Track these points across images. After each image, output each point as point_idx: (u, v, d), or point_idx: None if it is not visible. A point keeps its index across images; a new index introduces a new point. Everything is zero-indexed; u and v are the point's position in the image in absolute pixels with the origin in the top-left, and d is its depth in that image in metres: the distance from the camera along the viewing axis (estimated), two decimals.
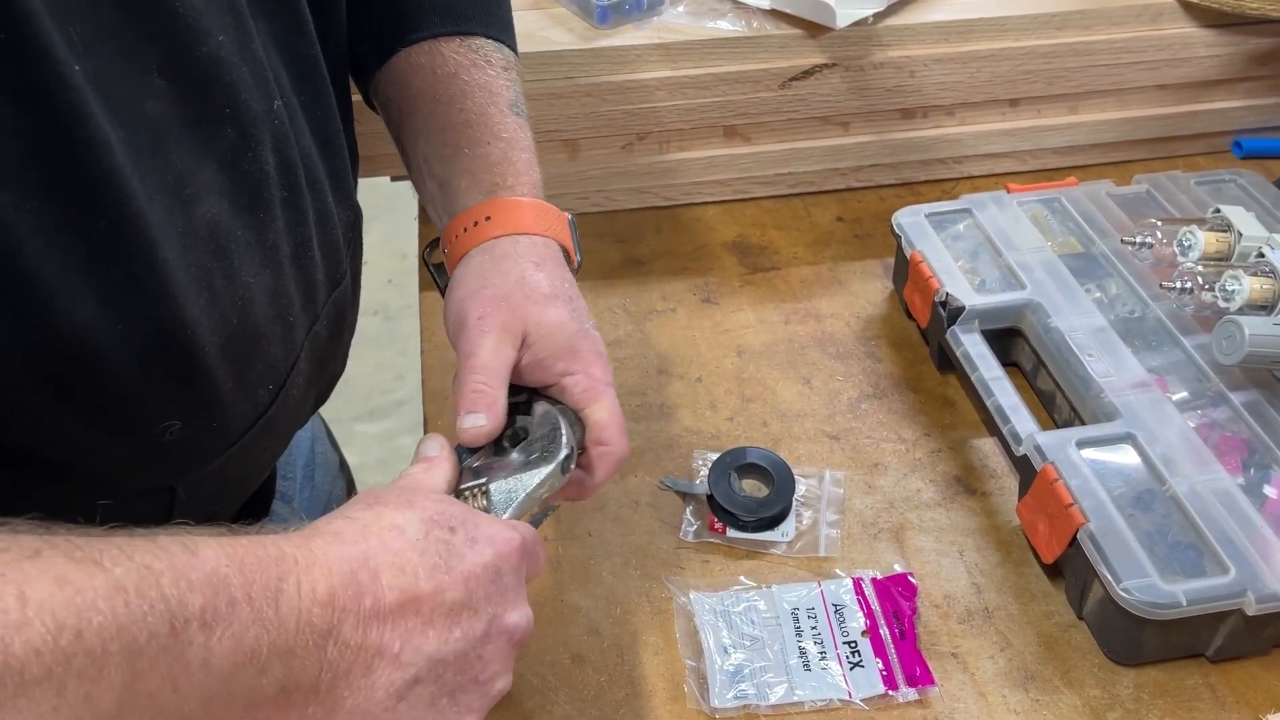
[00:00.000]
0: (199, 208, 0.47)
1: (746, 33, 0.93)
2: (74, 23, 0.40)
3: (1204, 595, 0.62)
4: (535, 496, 0.56)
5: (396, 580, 0.45)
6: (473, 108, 0.66)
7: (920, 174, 1.04)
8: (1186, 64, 1.01)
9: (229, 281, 0.49)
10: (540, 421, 0.59)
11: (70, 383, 0.44)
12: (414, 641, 0.45)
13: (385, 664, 0.45)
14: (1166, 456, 0.69)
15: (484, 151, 0.65)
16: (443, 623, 0.46)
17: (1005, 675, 0.65)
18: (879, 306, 0.91)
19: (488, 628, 0.48)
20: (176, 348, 0.47)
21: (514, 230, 0.63)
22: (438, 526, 0.48)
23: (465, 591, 0.47)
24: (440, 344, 0.88)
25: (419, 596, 0.46)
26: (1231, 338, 0.72)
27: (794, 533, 0.73)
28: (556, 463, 0.56)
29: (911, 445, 0.80)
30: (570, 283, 0.63)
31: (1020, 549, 0.72)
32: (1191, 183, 0.92)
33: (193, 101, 0.46)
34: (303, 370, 0.58)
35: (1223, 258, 0.78)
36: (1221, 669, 0.66)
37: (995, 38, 0.97)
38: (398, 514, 0.48)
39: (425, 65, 0.67)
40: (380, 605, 0.44)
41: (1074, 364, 0.77)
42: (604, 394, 0.60)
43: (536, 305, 0.60)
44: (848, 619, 0.67)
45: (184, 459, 0.52)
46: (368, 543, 0.46)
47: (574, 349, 0.60)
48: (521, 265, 0.62)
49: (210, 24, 0.46)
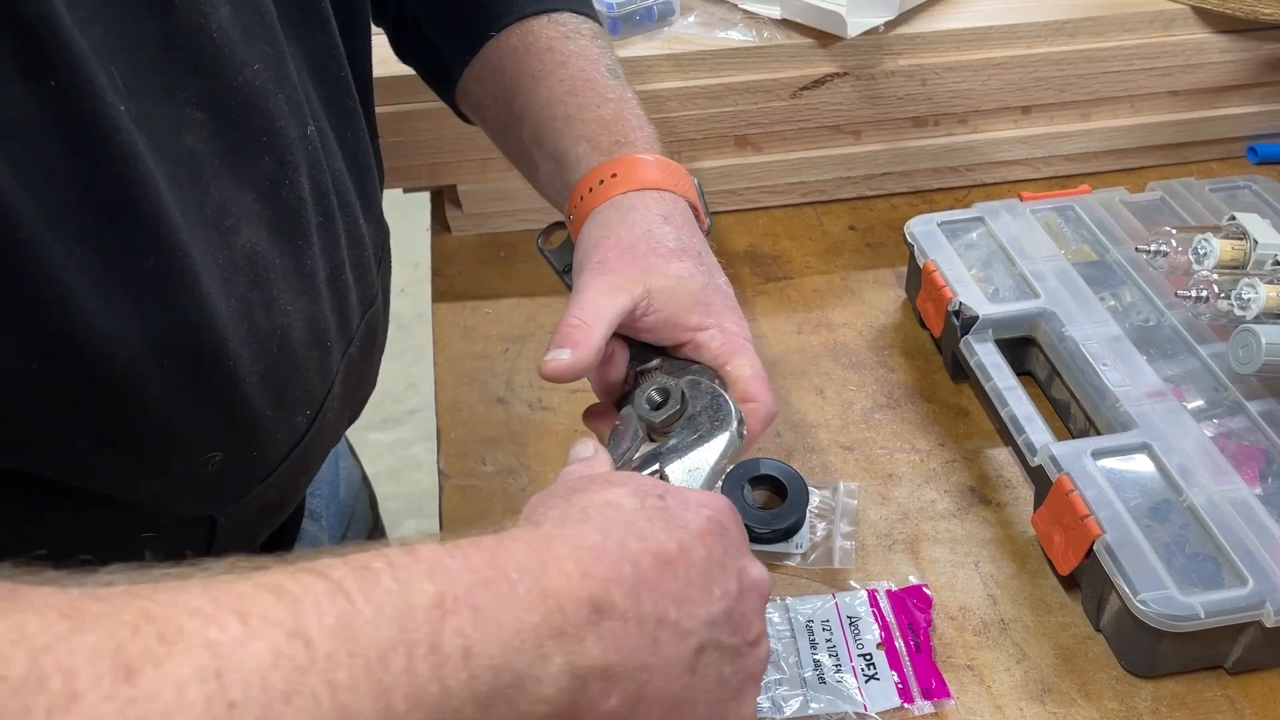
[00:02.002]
0: (238, 238, 0.47)
1: (758, 42, 0.93)
2: (117, 62, 0.40)
3: (1222, 607, 0.61)
4: (719, 469, 0.52)
5: (642, 545, 0.41)
6: (576, 75, 0.64)
7: (933, 182, 1.04)
8: (1200, 70, 1.00)
9: (268, 311, 0.49)
10: (692, 390, 0.54)
11: (115, 420, 0.44)
12: (685, 606, 0.41)
13: (668, 634, 0.40)
14: (1183, 467, 0.69)
15: (596, 115, 0.64)
16: (700, 582, 0.42)
17: (1022, 688, 0.65)
18: (892, 316, 0.91)
19: (739, 582, 0.44)
20: (219, 380, 0.46)
21: (640, 186, 0.61)
22: (648, 496, 0.44)
23: (706, 548, 0.43)
24: (452, 356, 0.88)
25: (670, 558, 0.41)
26: (1248, 346, 0.71)
27: (808, 544, 0.73)
28: (732, 430, 0.52)
29: (926, 455, 0.79)
30: (700, 239, 0.61)
31: (1036, 560, 0.72)
32: (1206, 189, 0.92)
33: (230, 132, 0.46)
34: (338, 393, 0.58)
35: (1238, 265, 0.77)
36: (1240, 681, 0.65)
37: (1007, 45, 0.97)
38: (603, 493, 0.43)
39: (518, 47, 0.66)
40: (640, 571, 0.40)
41: (1089, 373, 0.76)
42: (743, 349, 0.57)
43: (661, 258, 0.57)
44: (863, 631, 0.67)
45: (225, 488, 0.52)
46: (594, 520, 0.41)
47: (706, 302, 0.57)
48: (649, 218, 0.59)
49: (247, 53, 0.46)
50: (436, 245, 0.99)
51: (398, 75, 0.77)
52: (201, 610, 0.31)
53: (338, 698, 0.31)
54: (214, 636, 0.30)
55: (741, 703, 0.45)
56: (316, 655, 0.31)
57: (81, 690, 0.28)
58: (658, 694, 0.40)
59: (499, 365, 0.87)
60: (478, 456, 0.80)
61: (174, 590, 0.32)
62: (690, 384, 0.55)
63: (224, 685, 0.30)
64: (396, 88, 0.88)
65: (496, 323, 0.91)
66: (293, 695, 0.31)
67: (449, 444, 0.81)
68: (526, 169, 0.69)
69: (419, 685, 0.33)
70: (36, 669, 0.28)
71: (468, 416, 0.83)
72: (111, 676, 0.28)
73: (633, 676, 0.39)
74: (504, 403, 0.84)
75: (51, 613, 0.29)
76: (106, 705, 0.28)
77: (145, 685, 0.29)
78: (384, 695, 0.32)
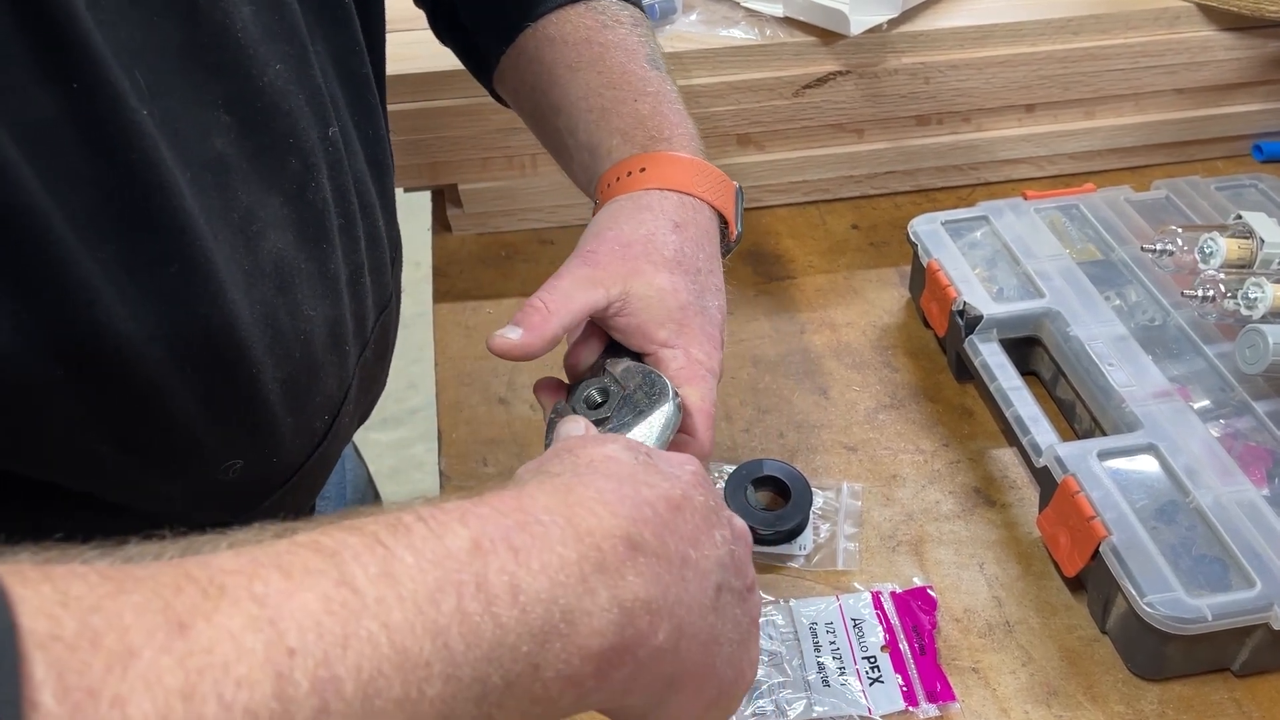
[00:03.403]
0: (264, 243, 0.46)
1: (760, 40, 0.93)
2: (140, 65, 0.40)
3: (1229, 610, 0.61)
4: (664, 440, 0.52)
5: (653, 491, 0.41)
6: (614, 68, 0.63)
7: (936, 181, 1.03)
8: (1205, 67, 1.00)
9: (292, 316, 0.48)
10: (626, 375, 0.55)
11: (137, 428, 0.43)
12: (700, 548, 0.41)
13: (693, 573, 0.40)
14: (1189, 468, 0.68)
15: (632, 109, 0.62)
16: (705, 526, 0.42)
17: (1027, 691, 0.64)
18: (895, 315, 0.91)
19: (730, 528, 0.45)
20: (241, 386, 0.46)
21: (667, 185, 0.59)
22: (638, 452, 0.44)
23: (703, 496, 0.43)
24: (453, 357, 0.87)
25: (678, 503, 0.41)
26: (1255, 347, 0.71)
27: (811, 546, 0.72)
28: (669, 402, 0.52)
29: (930, 456, 0.79)
30: (709, 256, 0.59)
31: (1041, 561, 0.71)
32: (1211, 188, 0.91)
33: (256, 134, 0.45)
34: (353, 397, 0.58)
35: (1245, 264, 0.77)
36: (1248, 683, 0.65)
37: (1011, 43, 0.96)
38: (600, 448, 0.43)
39: (555, 37, 0.64)
40: (658, 513, 0.40)
41: (1094, 373, 0.76)
42: (700, 379, 0.55)
43: (652, 265, 0.56)
44: (867, 633, 0.67)
45: (243, 495, 0.52)
46: (601, 471, 0.41)
47: (680, 322, 0.56)
48: (658, 221, 0.58)
49: (269, 53, 0.45)
50: (437, 245, 0.99)
51: (398, 74, 0.77)
52: (241, 569, 0.30)
53: (394, 639, 0.31)
54: (259, 590, 0.30)
55: (750, 646, 0.45)
56: (366, 600, 0.31)
57: (137, 646, 0.27)
58: (695, 630, 0.40)
59: (500, 366, 0.86)
60: (479, 457, 0.79)
61: (207, 555, 0.31)
62: (623, 371, 0.55)
63: (280, 632, 0.29)
64: (397, 86, 0.87)
65: (498, 323, 0.89)
66: (349, 639, 0.30)
67: (450, 445, 0.80)
68: (561, 158, 0.68)
69: (473, 623, 0.32)
70: (89, 628, 0.27)
71: (469, 417, 0.82)
72: (165, 632, 0.28)
73: (672, 612, 0.39)
74: (505, 404, 0.83)
75: (94, 576, 0.28)
76: (164, 659, 0.27)
77: (199, 638, 0.28)
78: (440, 635, 0.32)
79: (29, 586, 0.27)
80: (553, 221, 1.00)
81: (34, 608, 0.26)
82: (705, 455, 0.56)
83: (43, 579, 0.27)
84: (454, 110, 0.92)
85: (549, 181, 0.97)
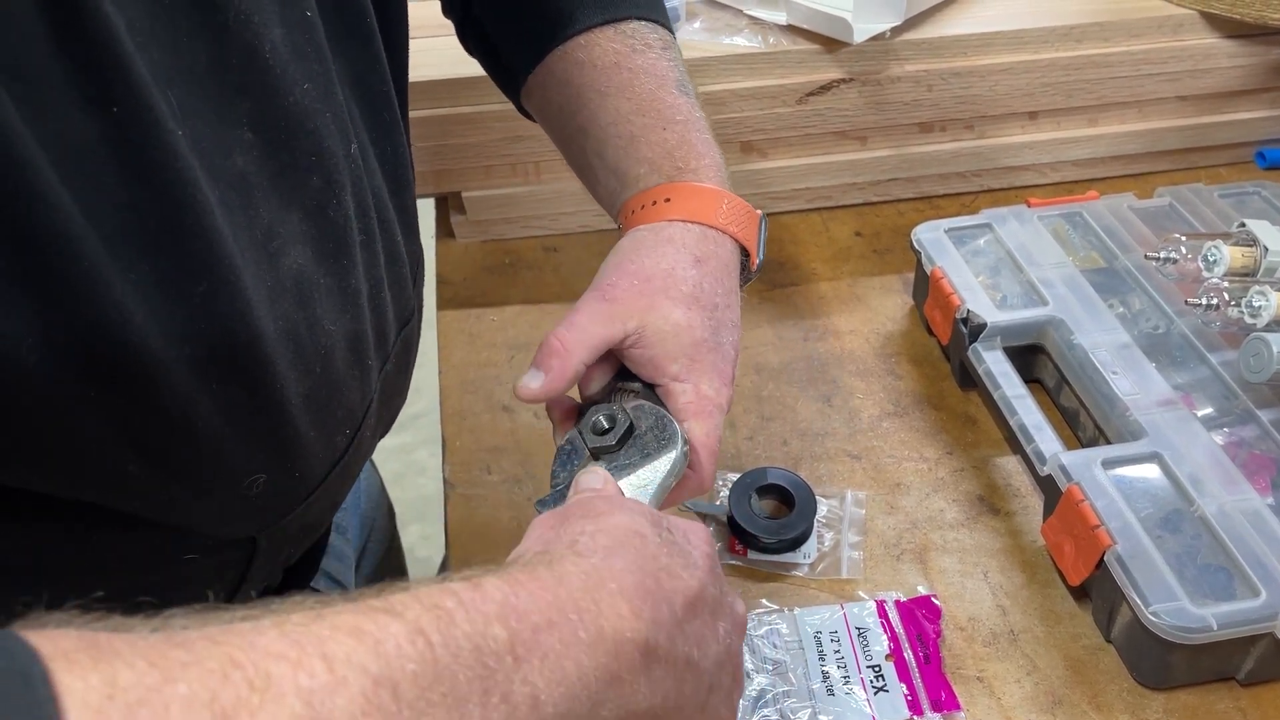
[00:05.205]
0: (285, 259, 0.46)
1: (763, 48, 0.93)
2: (173, 86, 0.40)
3: (1234, 619, 0.61)
4: (666, 486, 0.53)
5: (673, 584, 0.42)
6: (643, 94, 0.63)
7: (939, 188, 1.03)
8: (1208, 75, 1.00)
9: (312, 332, 0.48)
10: (638, 413, 0.56)
11: (165, 444, 0.44)
12: (704, 646, 0.42)
13: (692, 676, 0.41)
14: (1194, 476, 0.68)
15: (660, 138, 0.62)
16: (712, 621, 0.43)
17: (1032, 700, 0.64)
18: (899, 323, 0.91)
19: (732, 619, 0.46)
20: (265, 402, 0.46)
21: (691, 218, 0.60)
22: (660, 527, 0.44)
23: (715, 587, 0.44)
24: (458, 364, 0.87)
25: (694, 599, 0.42)
26: (1259, 355, 0.71)
27: (815, 554, 0.72)
28: (678, 450, 0.53)
29: (934, 464, 0.79)
30: (727, 290, 0.59)
31: (1045, 570, 0.71)
32: (1215, 195, 0.91)
33: (279, 152, 0.45)
34: (374, 411, 0.58)
35: (1248, 273, 0.77)
36: (1253, 693, 0.64)
37: (1014, 51, 0.96)
38: (629, 519, 0.44)
39: (584, 60, 0.64)
40: (674, 612, 0.41)
41: (1098, 381, 0.76)
42: (707, 414, 0.56)
43: (670, 300, 0.56)
44: (871, 642, 0.67)
45: (267, 510, 0.52)
46: (630, 554, 0.42)
47: (693, 357, 0.56)
48: (679, 256, 0.58)
49: (297, 73, 0.46)
50: (441, 252, 0.99)
51: None
52: (286, 655, 0.31)
53: None
54: (304, 683, 0.30)
55: None
56: (402, 703, 0.32)
57: None
58: None
59: (504, 373, 0.86)
60: (483, 465, 0.79)
61: (250, 633, 0.32)
62: (635, 406, 0.56)
63: None
64: None
65: (501, 330, 0.90)
66: None
67: (454, 452, 0.80)
68: (586, 178, 0.68)
69: None
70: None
71: (473, 425, 0.82)
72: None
73: (668, 718, 0.40)
74: (509, 411, 0.83)
75: (140, 662, 0.29)
76: None
77: None
78: None
79: (76, 675, 0.27)
80: (556, 229, 1.00)
81: (81, 700, 0.27)
82: (705, 490, 0.57)
83: (91, 665, 0.28)
84: (458, 118, 0.92)
85: (553, 189, 0.97)
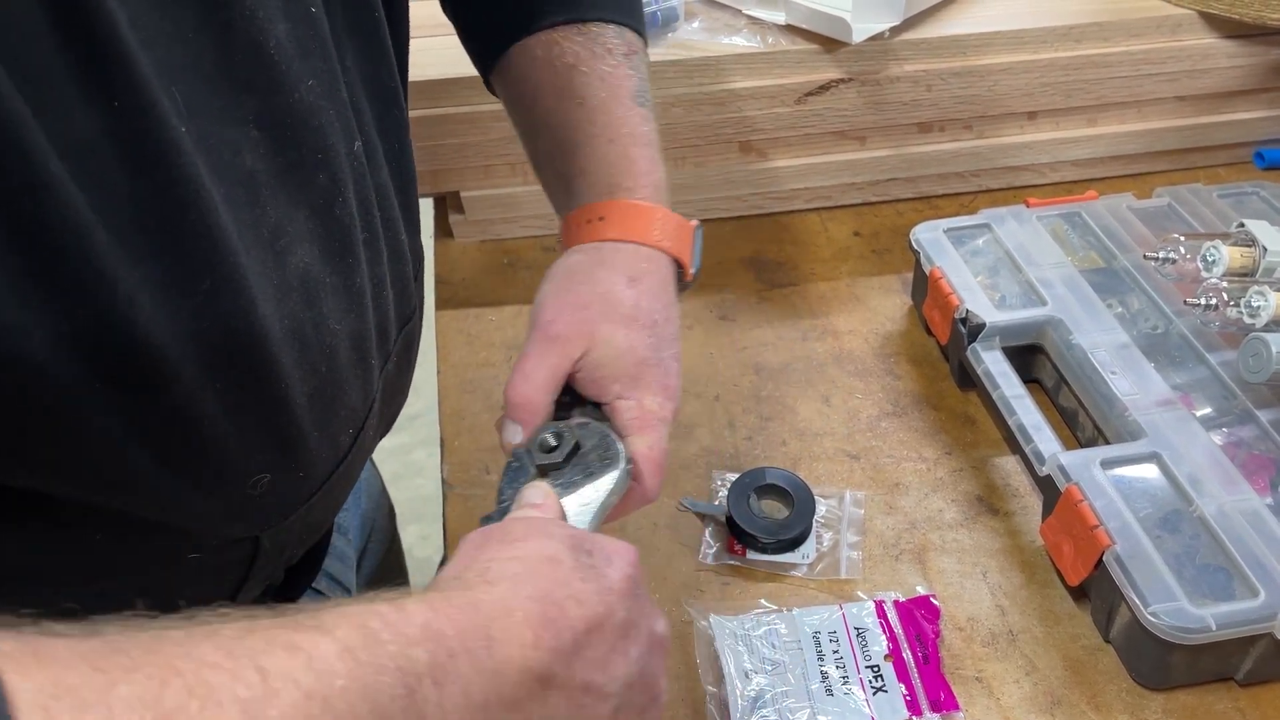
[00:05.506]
0: (291, 258, 0.46)
1: (762, 48, 0.93)
2: (178, 83, 0.40)
3: (1233, 619, 0.61)
4: (608, 505, 0.54)
5: (579, 611, 0.43)
6: (593, 103, 0.63)
7: (938, 188, 1.03)
8: (1207, 75, 1.00)
9: (318, 330, 0.49)
10: (583, 432, 0.57)
11: (171, 443, 0.44)
12: (609, 670, 0.44)
13: (593, 700, 0.43)
14: (1193, 476, 0.68)
15: (604, 151, 0.63)
16: (622, 645, 0.45)
17: (1031, 700, 0.64)
18: (898, 323, 0.91)
19: (649, 640, 0.47)
20: (270, 401, 0.46)
21: (624, 237, 0.61)
22: (579, 550, 0.46)
23: (626, 609, 0.46)
24: (456, 365, 0.87)
25: (600, 623, 0.44)
26: (1258, 355, 0.71)
27: (814, 554, 0.72)
28: (620, 468, 0.55)
29: (933, 464, 0.79)
30: (665, 304, 0.61)
31: (1044, 570, 0.71)
32: (1214, 195, 0.91)
33: (286, 151, 0.45)
34: (377, 410, 0.58)
35: (1247, 273, 0.76)
36: (1251, 693, 0.64)
37: (1013, 51, 0.96)
38: (545, 544, 0.46)
39: (543, 58, 0.64)
40: (577, 639, 0.43)
41: (1097, 381, 0.76)
42: (651, 428, 0.57)
43: (610, 324, 0.58)
44: (870, 642, 0.66)
45: (271, 510, 0.52)
46: (539, 580, 0.44)
47: (635, 375, 0.58)
48: (614, 278, 0.59)
49: (302, 69, 0.46)
50: (439, 252, 0.99)
51: None
52: (222, 665, 0.32)
53: None
54: (241, 693, 0.32)
55: None
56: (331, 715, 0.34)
57: None
58: None
59: (502, 373, 0.85)
60: (481, 466, 0.79)
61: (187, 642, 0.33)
62: (581, 425, 0.57)
63: None
64: None
65: (500, 330, 0.90)
66: None
67: (452, 453, 0.80)
68: (541, 176, 0.69)
69: None
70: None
71: (471, 425, 0.82)
72: None
73: None
74: None
75: (84, 665, 0.30)
76: None
77: None
78: None
79: (26, 676, 0.29)
80: (555, 229, 0.98)
81: (30, 700, 0.28)
82: (649, 500, 0.58)
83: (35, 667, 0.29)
84: (456, 118, 0.92)
85: None
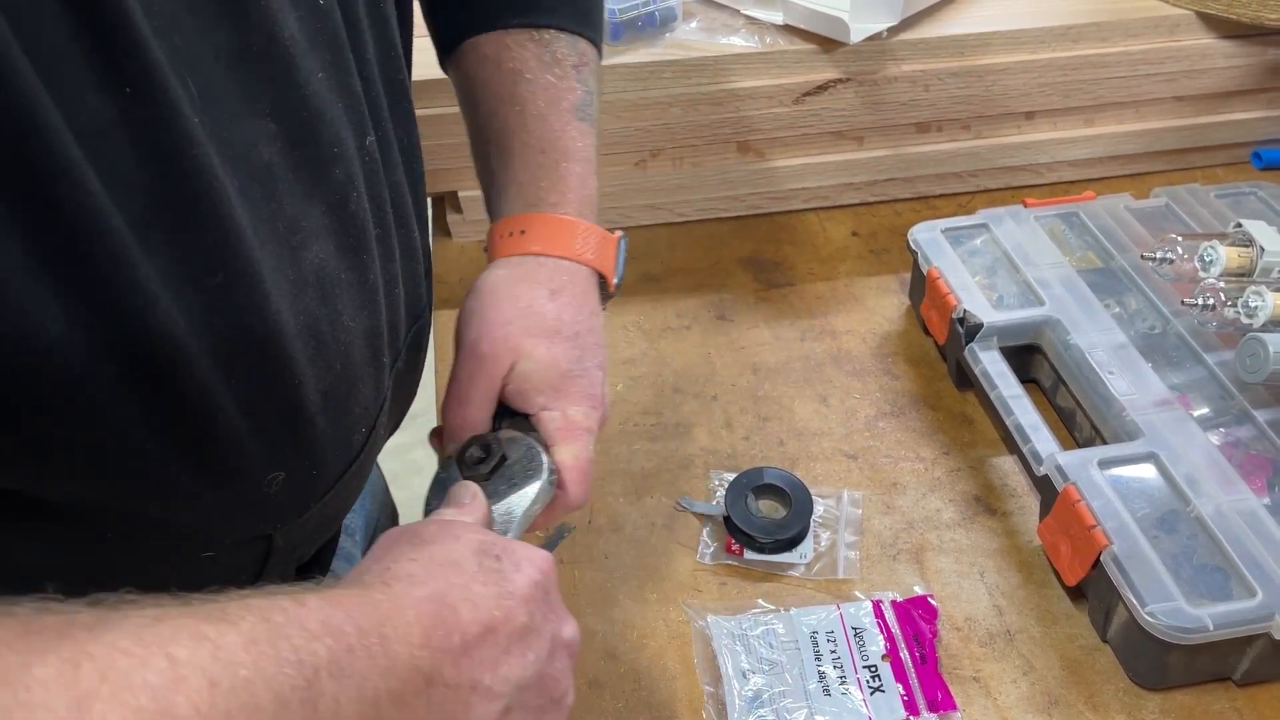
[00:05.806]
0: (307, 253, 0.46)
1: (760, 48, 0.93)
2: (193, 73, 0.40)
3: (1231, 619, 0.61)
4: (531, 513, 0.56)
5: (473, 614, 0.45)
6: (532, 112, 0.63)
7: (935, 188, 1.03)
8: (1205, 75, 1.00)
9: (333, 327, 0.48)
10: (510, 444, 0.59)
11: (188, 439, 0.44)
12: (500, 671, 0.45)
13: (480, 699, 0.44)
14: (1190, 476, 0.68)
15: (536, 162, 0.63)
16: (518, 648, 0.46)
17: (1028, 700, 0.64)
18: (895, 323, 0.91)
19: (552, 645, 0.48)
20: (285, 399, 0.46)
21: (545, 251, 0.62)
22: (486, 555, 0.48)
23: (528, 613, 0.47)
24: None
25: (494, 626, 0.45)
26: (1255, 355, 0.71)
27: (812, 554, 0.72)
28: (542, 479, 0.56)
29: (930, 464, 0.79)
30: (588, 314, 0.62)
31: (1042, 570, 0.71)
32: (1211, 195, 0.91)
33: (301, 145, 0.45)
34: (388, 408, 0.58)
35: (1245, 273, 0.77)
36: (1249, 693, 0.65)
37: (1011, 51, 0.96)
38: (449, 548, 0.47)
39: (491, 59, 0.64)
40: (466, 640, 0.44)
41: (1094, 381, 0.76)
42: (575, 437, 0.59)
43: (533, 339, 0.59)
44: (867, 642, 0.66)
45: (285, 508, 0.52)
46: (436, 582, 0.45)
47: (558, 387, 0.59)
48: (535, 292, 0.60)
49: (312, 61, 0.45)
50: (437, 251, 0.99)
51: None
52: (132, 651, 0.34)
53: None
54: (150, 679, 0.33)
55: None
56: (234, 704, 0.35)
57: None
58: None
59: None
60: None
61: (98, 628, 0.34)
62: (509, 437, 0.59)
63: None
64: None
65: None
66: None
67: None
68: (479, 175, 0.69)
69: None
70: None
71: None
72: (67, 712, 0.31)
73: None
74: None
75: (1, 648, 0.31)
76: None
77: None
78: None
79: None
80: None
81: None
82: (576, 507, 0.60)
83: None
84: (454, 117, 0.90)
85: None
